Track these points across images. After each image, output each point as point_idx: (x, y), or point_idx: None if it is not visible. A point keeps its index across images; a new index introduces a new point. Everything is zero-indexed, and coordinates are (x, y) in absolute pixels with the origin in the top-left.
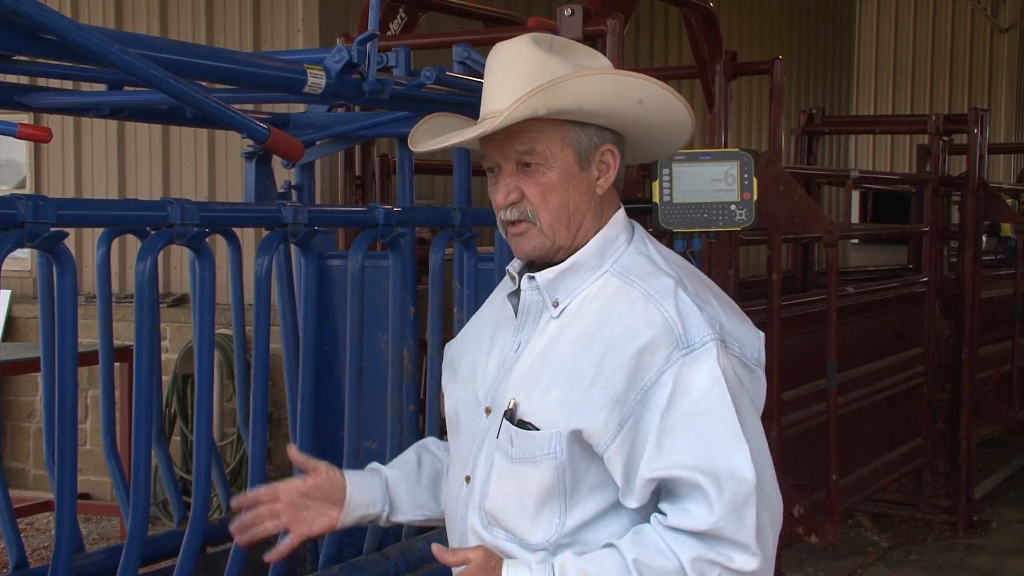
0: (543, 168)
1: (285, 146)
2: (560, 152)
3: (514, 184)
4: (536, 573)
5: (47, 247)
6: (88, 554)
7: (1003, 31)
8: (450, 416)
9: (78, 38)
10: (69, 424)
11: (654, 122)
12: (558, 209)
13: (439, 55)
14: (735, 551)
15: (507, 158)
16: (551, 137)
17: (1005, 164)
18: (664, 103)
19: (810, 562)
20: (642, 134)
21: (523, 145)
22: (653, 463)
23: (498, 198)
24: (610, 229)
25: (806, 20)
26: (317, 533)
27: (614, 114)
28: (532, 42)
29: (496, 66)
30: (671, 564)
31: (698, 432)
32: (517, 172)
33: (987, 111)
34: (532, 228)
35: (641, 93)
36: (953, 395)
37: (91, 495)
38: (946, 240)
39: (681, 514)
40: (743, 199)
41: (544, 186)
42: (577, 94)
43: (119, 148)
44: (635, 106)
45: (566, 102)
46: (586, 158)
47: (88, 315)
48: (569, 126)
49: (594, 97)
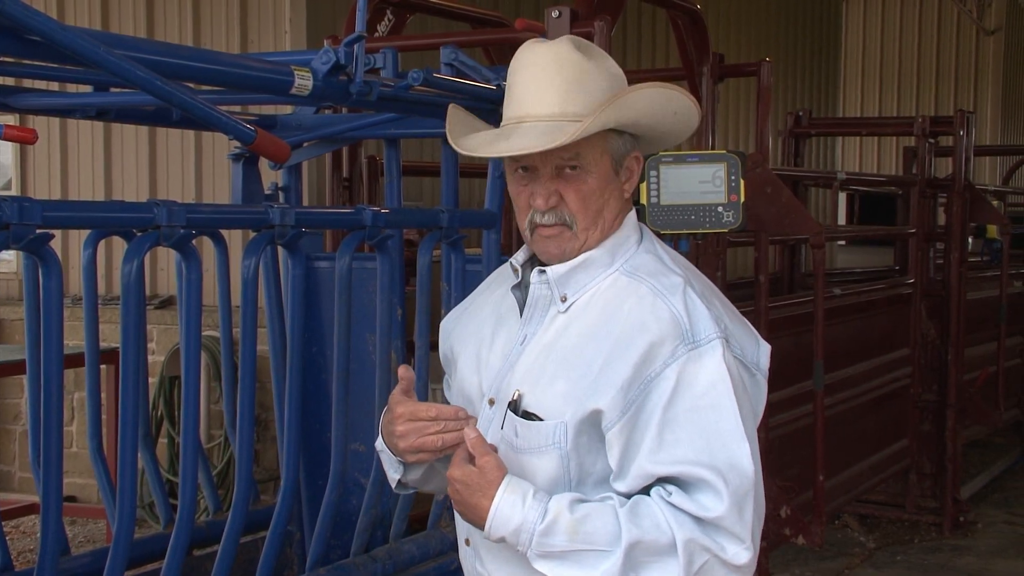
0: (583, 174)
1: (272, 148)
2: (600, 159)
3: (554, 188)
4: (528, 509)
5: (33, 249)
6: (74, 557)
7: (989, 33)
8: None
9: (63, 39)
10: (55, 426)
11: (673, 132)
12: (595, 214)
13: (427, 57)
14: (730, 542)
15: (548, 163)
16: (595, 145)
17: (991, 166)
18: (690, 114)
19: (797, 563)
20: (658, 141)
21: (568, 151)
22: (655, 456)
23: (538, 202)
24: (623, 230)
25: (793, 22)
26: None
27: (654, 125)
28: (572, 46)
29: (534, 68)
30: (664, 539)
31: (700, 426)
32: (555, 176)
33: (973, 113)
34: (567, 231)
35: (678, 106)
36: (939, 396)
37: (77, 498)
38: (932, 242)
39: (690, 501)
40: (730, 201)
41: (583, 192)
42: (638, 108)
43: (105, 149)
44: (671, 118)
45: (630, 116)
46: (620, 164)
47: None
48: (610, 134)
49: (649, 111)
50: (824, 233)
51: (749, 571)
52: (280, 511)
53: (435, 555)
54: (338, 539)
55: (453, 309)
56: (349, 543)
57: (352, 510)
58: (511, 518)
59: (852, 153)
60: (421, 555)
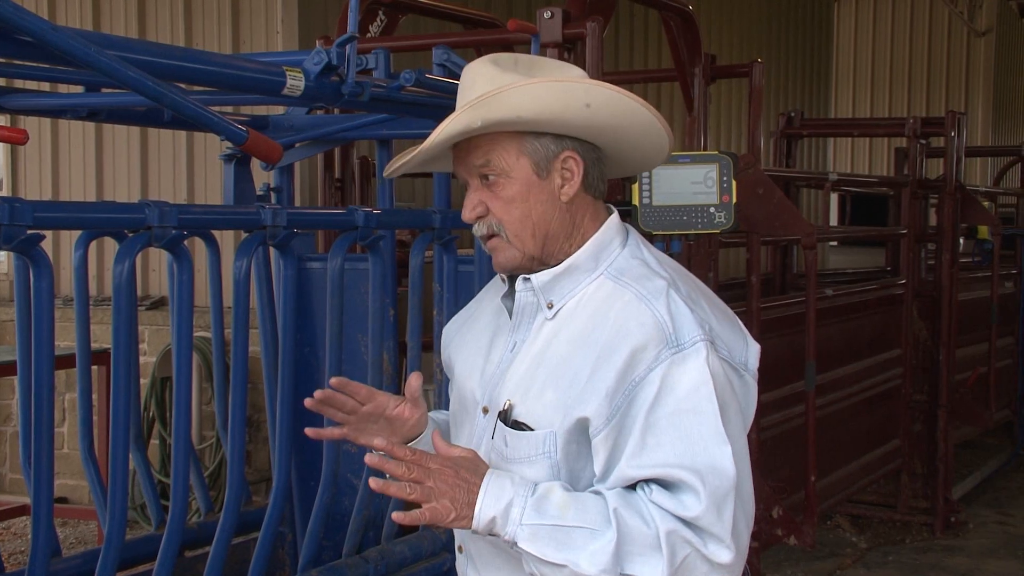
0: (502, 180)
1: (264, 148)
2: (516, 162)
3: (478, 199)
4: (517, 486)
5: (23, 250)
6: (65, 558)
7: (980, 35)
8: (451, 416)
9: (55, 40)
10: (46, 427)
11: (610, 125)
12: (521, 220)
13: (419, 57)
14: (710, 540)
15: (470, 173)
16: (506, 148)
17: (982, 167)
18: (617, 105)
19: (789, 564)
20: (609, 141)
21: (479, 159)
22: (635, 460)
23: (464, 213)
24: (604, 233)
25: (785, 23)
26: (361, 444)
27: (561, 120)
28: (490, 62)
29: (459, 89)
30: (649, 531)
31: (681, 431)
32: (481, 187)
33: (964, 114)
34: (502, 242)
35: (587, 97)
36: (931, 397)
37: (68, 499)
38: (924, 243)
39: (670, 499)
40: (722, 202)
41: (505, 199)
42: (512, 104)
43: (97, 150)
44: (583, 110)
45: (503, 113)
46: (545, 167)
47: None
48: (523, 136)
49: (533, 106)
50: (816, 234)
51: (733, 571)
52: (272, 512)
53: (427, 556)
54: (330, 540)
55: (455, 316)
56: (341, 544)
57: (344, 511)
58: (501, 495)
59: (844, 154)
60: (413, 556)
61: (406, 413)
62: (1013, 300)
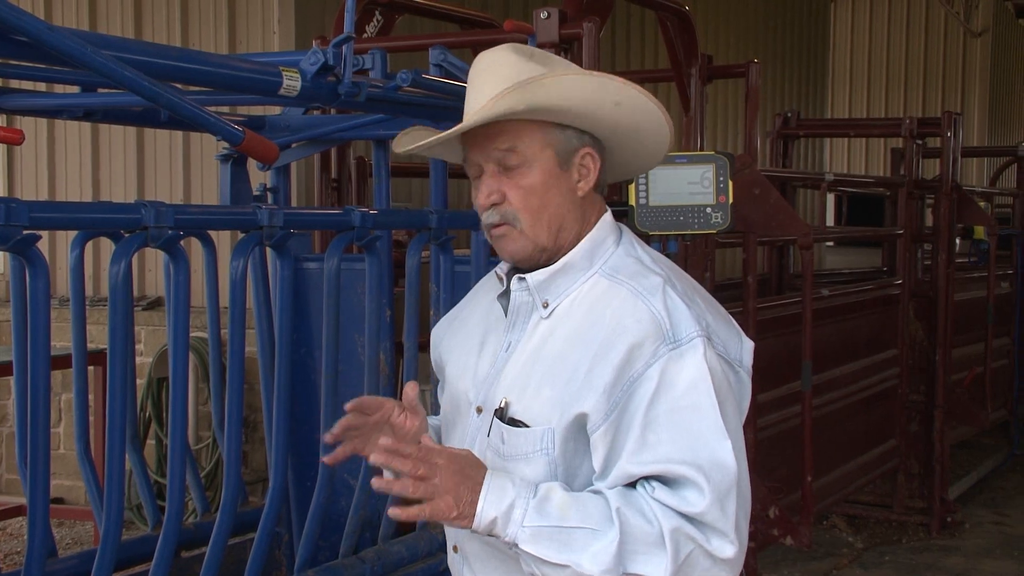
0: (524, 169)
1: (260, 148)
2: (541, 152)
3: (496, 186)
4: (519, 487)
5: (20, 250)
6: (61, 559)
7: (976, 35)
8: (442, 417)
9: (51, 40)
10: (42, 428)
11: (631, 126)
12: (539, 210)
13: (415, 58)
14: (714, 535)
15: (488, 159)
16: (532, 136)
17: (978, 168)
18: (641, 107)
19: (785, 564)
20: (622, 141)
21: (504, 143)
22: (636, 456)
23: (480, 199)
24: (599, 231)
25: (781, 23)
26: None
27: (592, 115)
28: (512, 50)
29: (476, 74)
30: (652, 529)
31: (681, 426)
32: (499, 174)
33: (960, 115)
34: (513, 231)
35: (618, 95)
36: (927, 397)
37: (64, 499)
38: (920, 243)
39: (673, 496)
40: (719, 202)
41: (525, 188)
42: (555, 92)
43: (93, 150)
44: (612, 108)
45: (545, 99)
46: (567, 160)
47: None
48: (549, 127)
49: (572, 96)
50: (812, 234)
51: (735, 566)
52: (268, 512)
53: (424, 556)
54: (326, 540)
55: (444, 317)
56: (337, 544)
57: (341, 511)
58: (503, 496)
59: (840, 154)
60: (410, 556)
61: (407, 424)
62: (1009, 300)
